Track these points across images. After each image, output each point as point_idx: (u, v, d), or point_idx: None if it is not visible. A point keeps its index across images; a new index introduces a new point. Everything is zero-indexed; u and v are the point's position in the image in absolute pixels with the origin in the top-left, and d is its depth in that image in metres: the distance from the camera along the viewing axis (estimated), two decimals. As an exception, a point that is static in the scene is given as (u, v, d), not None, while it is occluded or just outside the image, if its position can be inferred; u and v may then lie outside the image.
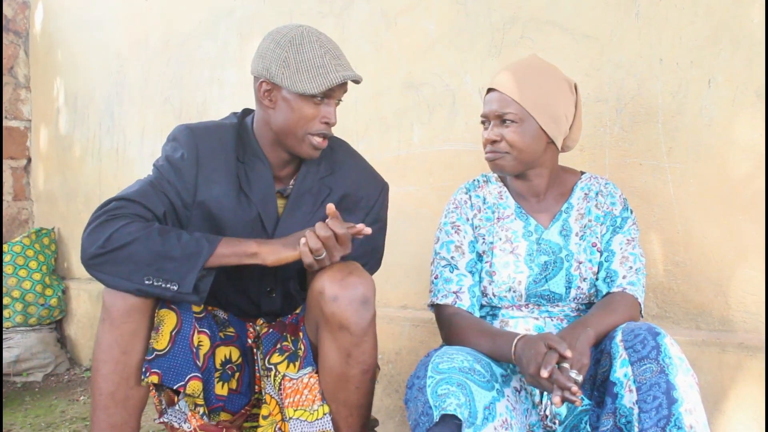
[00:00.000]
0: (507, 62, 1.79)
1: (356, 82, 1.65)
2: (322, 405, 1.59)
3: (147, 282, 1.50)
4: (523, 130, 1.64)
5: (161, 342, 1.56)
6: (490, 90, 1.69)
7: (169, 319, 1.58)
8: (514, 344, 1.47)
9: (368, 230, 1.57)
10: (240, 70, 3.16)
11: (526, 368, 1.41)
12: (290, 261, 1.57)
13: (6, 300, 3.80)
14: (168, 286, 1.50)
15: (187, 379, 1.56)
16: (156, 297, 1.55)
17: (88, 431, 2.80)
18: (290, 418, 1.57)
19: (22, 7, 4.54)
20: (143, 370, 1.55)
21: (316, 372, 1.62)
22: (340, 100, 1.69)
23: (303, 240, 1.53)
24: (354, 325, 1.52)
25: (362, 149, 2.57)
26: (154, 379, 1.54)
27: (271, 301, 1.78)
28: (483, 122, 1.70)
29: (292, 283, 1.73)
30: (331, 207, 1.55)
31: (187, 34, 3.48)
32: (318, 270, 1.57)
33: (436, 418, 1.34)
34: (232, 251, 1.55)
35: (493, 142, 1.66)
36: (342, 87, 1.66)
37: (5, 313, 3.78)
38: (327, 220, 1.54)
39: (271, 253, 1.56)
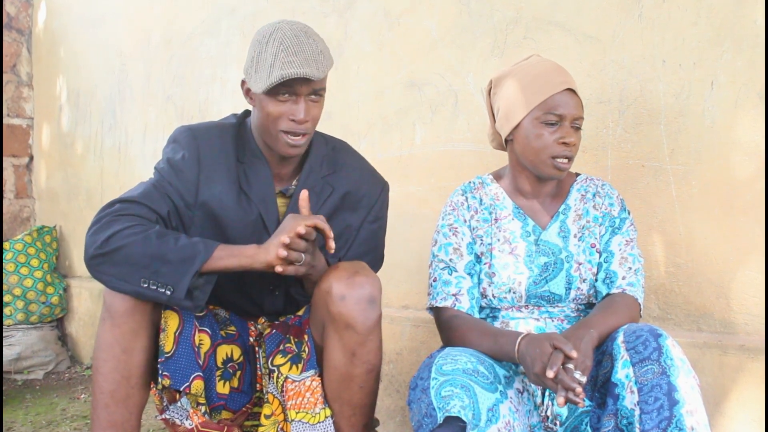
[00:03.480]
0: (510, 63, 1.79)
1: (306, 78, 1.58)
2: (324, 408, 1.59)
3: (144, 285, 1.50)
4: (581, 136, 1.67)
5: (167, 344, 1.57)
6: (564, 89, 1.62)
7: (172, 321, 1.58)
8: (517, 343, 1.47)
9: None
10: (242, 68, 3.14)
11: (531, 367, 1.41)
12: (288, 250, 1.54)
13: (7, 298, 3.80)
14: (163, 290, 1.50)
15: (191, 379, 1.57)
16: (152, 301, 1.55)
17: (88, 429, 2.80)
18: (292, 420, 1.58)
19: (25, 5, 4.55)
20: (159, 372, 1.55)
21: (319, 375, 1.62)
22: (317, 95, 1.63)
23: (280, 269, 1.53)
24: (360, 324, 1.53)
25: (364, 149, 2.58)
26: (166, 382, 1.54)
27: (274, 301, 1.79)
28: (550, 123, 1.62)
29: (293, 287, 1.73)
30: (303, 195, 1.58)
31: (189, 32, 3.49)
32: (306, 273, 1.59)
33: (440, 420, 1.34)
34: (228, 254, 1.54)
35: (572, 145, 1.62)
36: (306, 83, 1.59)
37: (6, 310, 3.78)
38: (300, 229, 1.53)
39: (267, 251, 1.55)
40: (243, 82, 1.70)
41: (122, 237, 1.51)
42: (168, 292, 1.50)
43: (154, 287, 1.50)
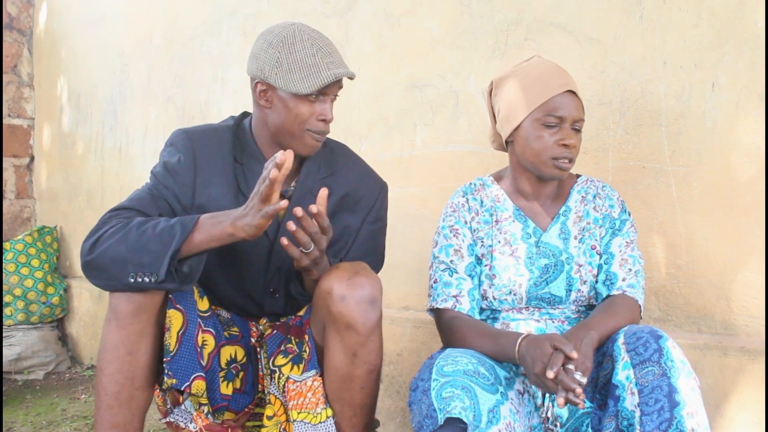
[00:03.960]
0: (511, 64, 1.79)
1: (350, 78, 1.65)
2: (326, 408, 1.60)
3: (131, 279, 1.50)
4: (581, 138, 1.67)
5: (171, 343, 1.57)
6: (564, 91, 1.62)
7: (176, 320, 1.58)
8: (518, 343, 1.47)
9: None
10: (243, 69, 3.15)
11: (531, 367, 1.41)
12: (264, 226, 1.49)
13: (8, 298, 3.80)
14: (150, 279, 1.49)
15: (191, 379, 1.57)
16: (144, 290, 1.53)
17: (89, 430, 2.81)
18: (294, 421, 1.58)
19: (26, 5, 4.55)
20: (165, 372, 1.55)
21: (320, 375, 1.62)
22: (336, 95, 1.69)
23: (285, 242, 1.52)
24: (361, 324, 1.53)
25: (365, 150, 2.58)
26: (172, 381, 1.54)
27: (274, 302, 1.79)
28: (550, 125, 1.62)
29: (293, 286, 1.73)
30: (322, 193, 1.54)
31: (190, 33, 3.49)
32: (308, 269, 1.59)
33: (441, 421, 1.35)
34: (207, 236, 1.51)
35: (572, 147, 1.62)
36: (336, 83, 1.66)
37: (7, 311, 3.78)
38: (312, 207, 1.51)
39: (246, 227, 1.49)
40: (256, 84, 1.67)
41: (104, 239, 1.51)
42: (153, 280, 1.49)
43: (140, 279, 1.50)
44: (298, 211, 1.50)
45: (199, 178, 1.68)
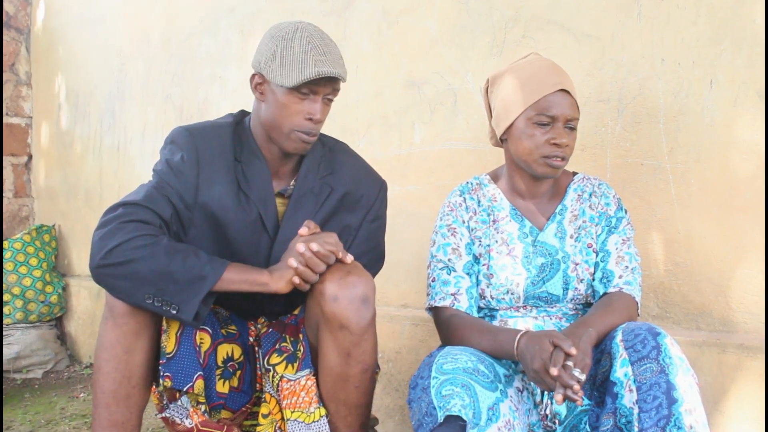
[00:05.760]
0: (509, 62, 1.79)
1: (338, 78, 1.63)
2: (319, 407, 1.59)
3: (147, 301, 1.49)
4: (575, 136, 1.66)
5: (169, 345, 1.57)
6: (557, 90, 1.61)
7: (174, 321, 1.58)
8: (516, 340, 1.47)
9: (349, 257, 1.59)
10: (241, 67, 3.16)
11: (530, 364, 1.41)
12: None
13: (6, 297, 3.80)
14: (167, 308, 1.50)
15: (194, 379, 1.57)
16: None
17: (87, 428, 2.81)
18: (288, 419, 1.58)
19: (23, 3, 4.54)
20: (161, 374, 1.55)
21: (314, 374, 1.62)
22: (330, 98, 1.67)
23: (297, 280, 1.54)
24: (354, 324, 1.52)
25: (363, 148, 2.58)
26: (168, 383, 1.54)
27: (275, 303, 1.78)
28: (542, 123, 1.62)
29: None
30: (303, 232, 1.57)
31: (188, 31, 3.48)
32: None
33: (441, 419, 1.35)
34: (239, 279, 1.55)
35: (564, 146, 1.61)
36: (328, 84, 1.63)
37: (5, 309, 3.78)
38: (312, 245, 1.53)
39: (280, 279, 1.56)
40: (254, 76, 1.68)
41: (128, 249, 1.49)
42: (173, 311, 1.50)
43: (159, 304, 1.50)
44: (295, 273, 1.55)
45: (202, 176, 1.67)
